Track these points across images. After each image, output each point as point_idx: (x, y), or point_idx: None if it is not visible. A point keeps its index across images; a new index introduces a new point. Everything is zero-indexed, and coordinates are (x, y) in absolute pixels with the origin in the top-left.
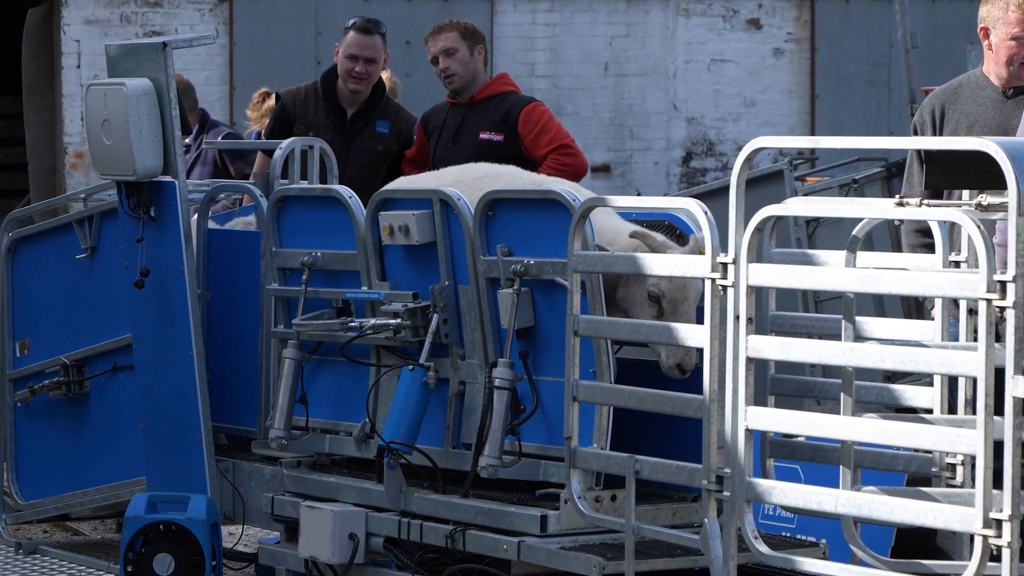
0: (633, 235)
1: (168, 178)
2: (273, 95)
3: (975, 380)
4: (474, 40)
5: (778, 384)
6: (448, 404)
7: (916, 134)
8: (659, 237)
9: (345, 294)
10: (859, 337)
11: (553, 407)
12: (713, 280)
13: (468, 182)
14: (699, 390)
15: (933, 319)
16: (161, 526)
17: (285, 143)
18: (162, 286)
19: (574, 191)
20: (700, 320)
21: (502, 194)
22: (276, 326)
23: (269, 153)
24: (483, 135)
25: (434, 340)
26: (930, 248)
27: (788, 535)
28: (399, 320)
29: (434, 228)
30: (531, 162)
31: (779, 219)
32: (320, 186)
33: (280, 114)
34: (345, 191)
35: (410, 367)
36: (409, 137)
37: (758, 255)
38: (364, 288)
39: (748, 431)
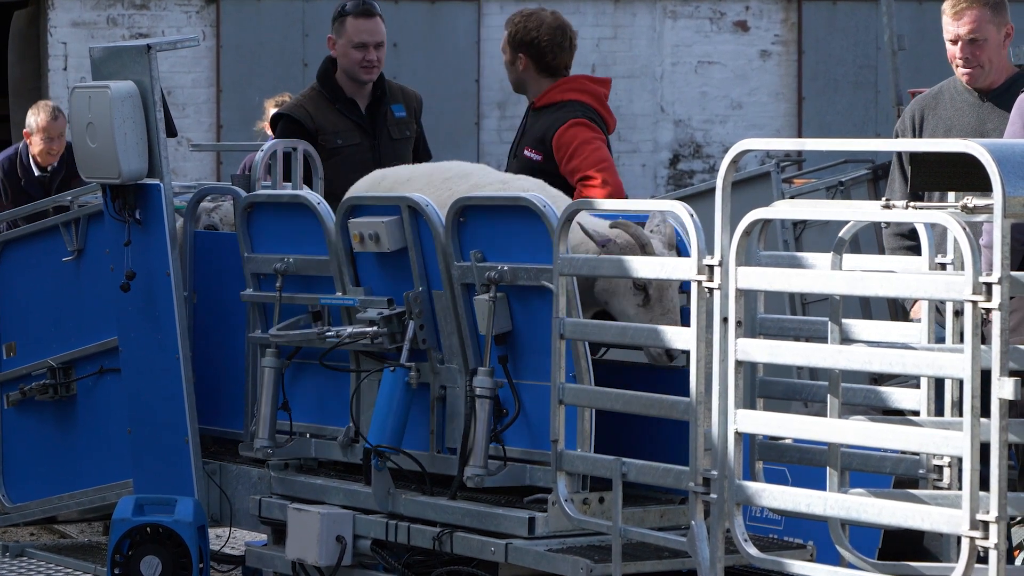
0: (614, 225)
1: (153, 181)
2: (273, 115)
3: (961, 382)
4: (515, 47)
5: (766, 387)
6: (430, 409)
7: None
8: (639, 229)
9: (320, 300)
10: (846, 339)
11: (534, 411)
12: (699, 282)
13: (438, 183)
14: (686, 392)
15: (914, 320)
16: (148, 529)
17: (267, 144)
18: (148, 289)
19: (544, 195)
20: (685, 319)
21: (472, 200)
22: (254, 331)
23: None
24: (526, 151)
25: (412, 346)
26: (911, 251)
27: (775, 537)
28: (376, 328)
29: (404, 235)
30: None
31: (767, 222)
32: (288, 192)
33: (297, 132)
34: (314, 197)
35: (391, 368)
36: (419, 113)
37: (746, 258)
38: (339, 294)
39: (738, 434)
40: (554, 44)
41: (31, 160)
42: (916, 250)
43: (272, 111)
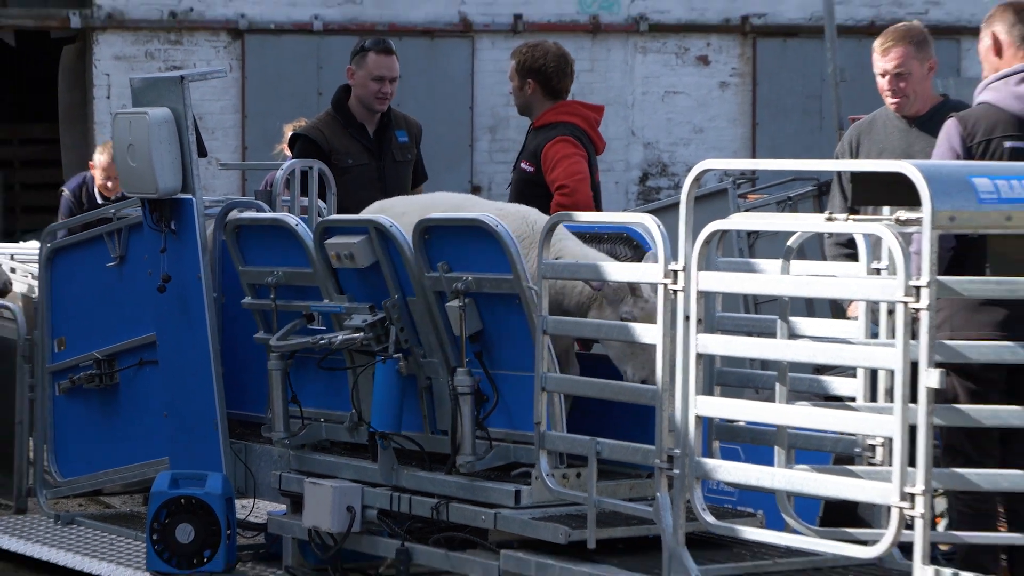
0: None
1: (187, 195)
2: (290, 135)
3: (893, 372)
4: (523, 74)
5: (723, 376)
6: (420, 396)
7: None
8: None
9: (311, 307)
10: (793, 335)
11: (511, 397)
12: (665, 285)
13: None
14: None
15: (852, 318)
16: (182, 500)
17: (287, 164)
18: (182, 291)
19: (495, 216)
20: None
21: (433, 221)
22: (258, 332)
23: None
24: (523, 164)
25: (396, 348)
26: (850, 258)
27: (730, 507)
28: (362, 334)
29: (375, 252)
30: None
31: (724, 232)
32: (270, 215)
33: (313, 151)
34: (292, 219)
35: (383, 360)
36: (419, 139)
37: (706, 264)
38: (326, 301)
39: (698, 417)
40: (559, 70)
41: (95, 189)
42: (854, 257)
43: (291, 133)
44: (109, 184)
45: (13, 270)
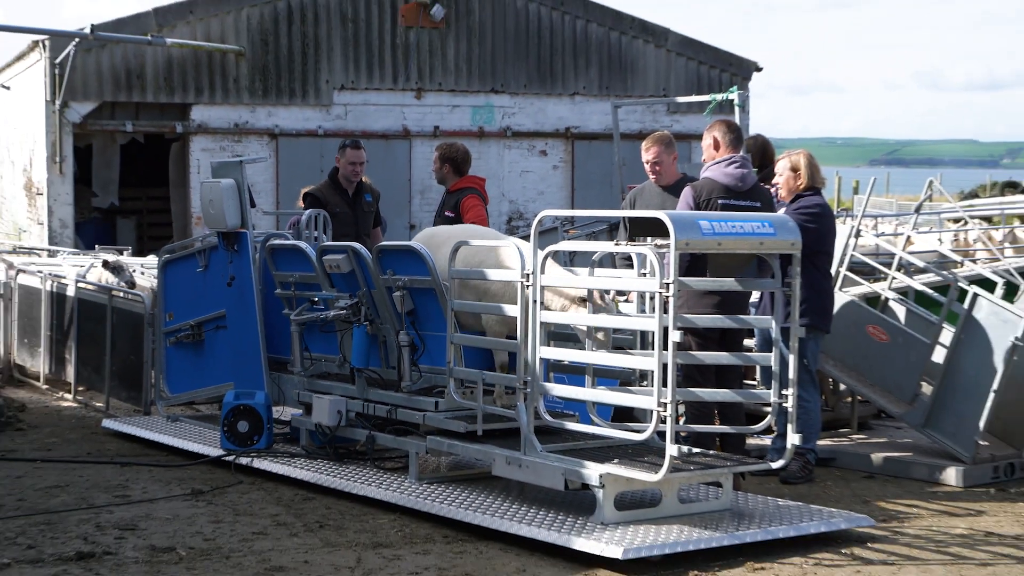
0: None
1: (244, 230)
2: (303, 194)
3: (653, 332)
4: (442, 160)
5: (555, 336)
6: (379, 347)
7: None
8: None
9: (315, 296)
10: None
11: (432, 346)
12: (522, 283)
13: (457, 235)
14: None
15: (630, 302)
16: (241, 407)
17: (308, 212)
18: (241, 285)
19: (423, 240)
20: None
21: (385, 246)
22: (285, 311)
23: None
24: (447, 213)
25: (365, 319)
26: (629, 267)
27: (559, 411)
28: (345, 311)
29: (352, 264)
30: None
31: (556, 252)
32: (292, 242)
33: (315, 203)
34: (304, 245)
35: (358, 324)
36: (378, 198)
37: (544, 270)
38: (324, 292)
39: (540, 359)
40: (464, 158)
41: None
42: (631, 266)
43: (304, 192)
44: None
45: (142, 272)
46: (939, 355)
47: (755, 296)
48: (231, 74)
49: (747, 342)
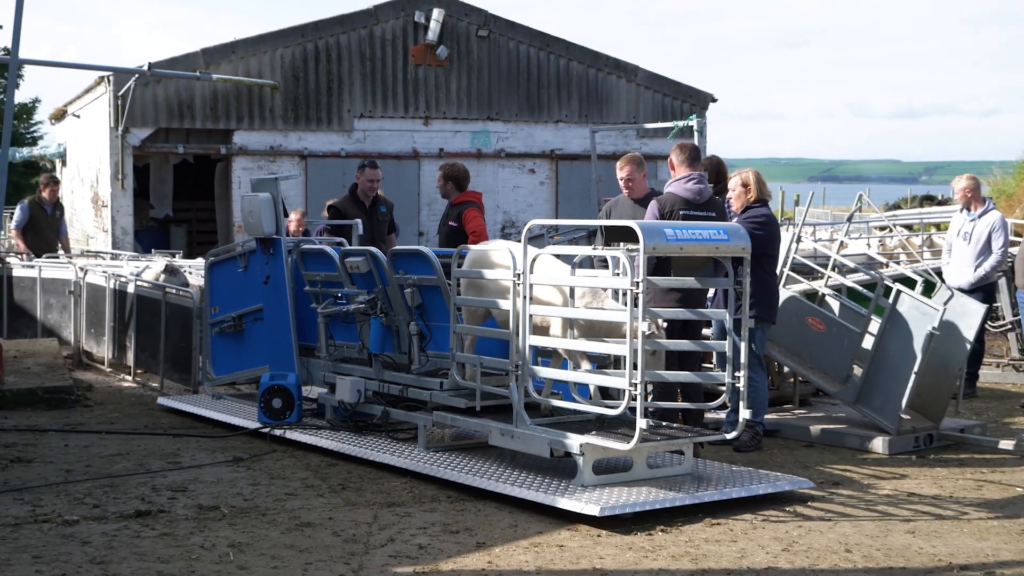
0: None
1: (278, 236)
2: (328, 206)
3: (625, 323)
4: (446, 179)
5: (540, 328)
6: (393, 335)
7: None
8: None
9: (339, 292)
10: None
11: (438, 336)
12: (515, 281)
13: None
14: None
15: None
16: (276, 386)
17: (350, 222)
18: (275, 283)
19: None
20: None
21: (397, 250)
22: (312, 304)
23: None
24: (451, 223)
25: (380, 311)
26: (606, 267)
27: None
28: (364, 305)
29: (369, 266)
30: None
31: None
32: (318, 246)
33: (337, 215)
34: (329, 249)
35: (375, 316)
36: (392, 209)
37: (533, 270)
38: (346, 289)
39: (530, 346)
40: (464, 176)
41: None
42: (607, 267)
43: (328, 204)
44: (292, 227)
45: (191, 272)
46: (868, 342)
47: (711, 292)
48: (267, 105)
49: (705, 331)
